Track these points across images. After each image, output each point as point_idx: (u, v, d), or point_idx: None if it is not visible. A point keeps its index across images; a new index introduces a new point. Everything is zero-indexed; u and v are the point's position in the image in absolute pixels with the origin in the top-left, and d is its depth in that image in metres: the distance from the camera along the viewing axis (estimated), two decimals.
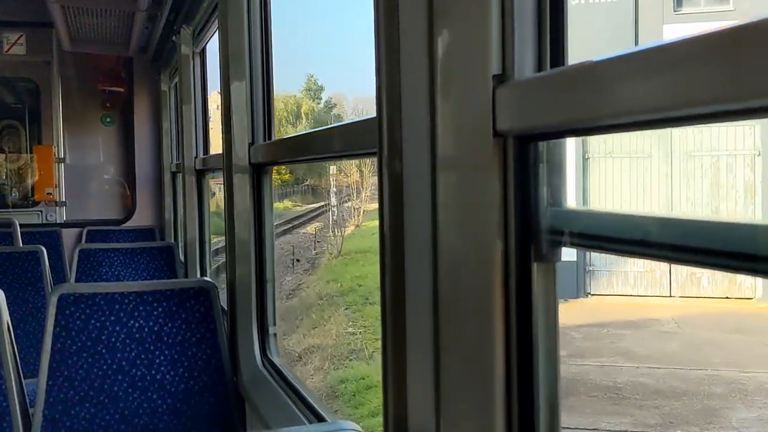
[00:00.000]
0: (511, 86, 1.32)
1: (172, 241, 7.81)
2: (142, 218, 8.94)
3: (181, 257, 6.79)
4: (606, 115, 1.14)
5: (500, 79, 1.34)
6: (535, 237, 1.35)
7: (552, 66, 1.32)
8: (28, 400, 3.38)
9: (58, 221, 8.86)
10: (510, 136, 1.34)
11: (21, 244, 6.95)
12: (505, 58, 1.34)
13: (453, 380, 1.52)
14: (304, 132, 3.77)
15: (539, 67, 1.33)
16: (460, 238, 1.48)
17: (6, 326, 3.28)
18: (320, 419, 2.82)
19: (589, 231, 1.28)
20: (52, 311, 3.35)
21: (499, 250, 1.37)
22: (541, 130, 1.30)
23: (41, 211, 9.01)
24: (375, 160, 1.83)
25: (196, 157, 6.52)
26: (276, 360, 3.64)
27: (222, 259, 4.17)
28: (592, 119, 1.18)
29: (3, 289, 3.38)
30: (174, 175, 8.38)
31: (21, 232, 7.36)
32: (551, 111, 1.24)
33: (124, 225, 8.83)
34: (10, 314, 3.40)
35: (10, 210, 8.82)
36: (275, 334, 3.76)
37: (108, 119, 9.26)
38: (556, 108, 1.23)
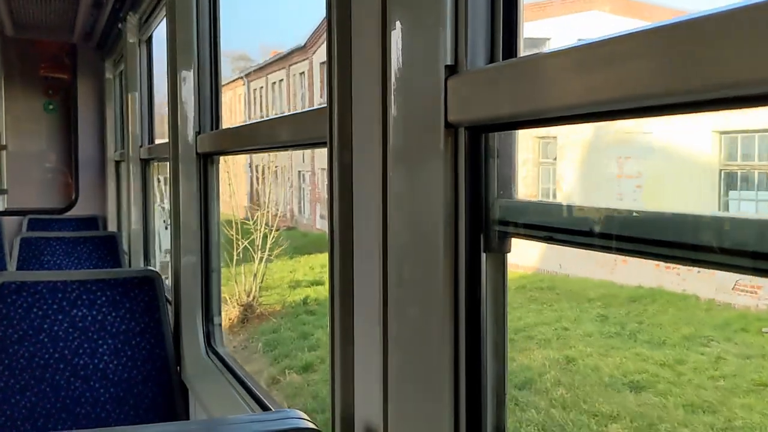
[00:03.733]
0: (463, 77, 1.32)
1: (116, 230, 7.71)
2: (84, 207, 8.80)
3: (125, 247, 6.70)
4: (556, 108, 1.15)
5: (452, 69, 1.34)
6: (486, 228, 1.35)
7: (505, 57, 1.32)
8: None
9: None
10: (461, 127, 1.33)
11: None
12: (457, 49, 1.33)
13: (400, 372, 1.52)
14: (252, 121, 3.74)
15: (492, 58, 1.33)
16: (410, 229, 1.48)
17: None
18: (265, 409, 2.80)
19: (539, 222, 1.28)
20: None
21: (449, 241, 1.37)
22: (493, 121, 1.30)
23: None
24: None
25: (141, 146, 6.44)
26: (221, 350, 3.61)
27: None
28: (542, 111, 1.18)
29: None
30: (118, 164, 8.27)
31: None
32: (502, 102, 1.24)
33: (66, 214, 8.69)
34: None
35: None
36: (220, 324, 3.73)
37: (51, 106, 9.11)
38: (508, 99, 1.23)
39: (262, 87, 37.89)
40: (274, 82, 36.14)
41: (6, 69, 8.78)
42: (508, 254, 1.36)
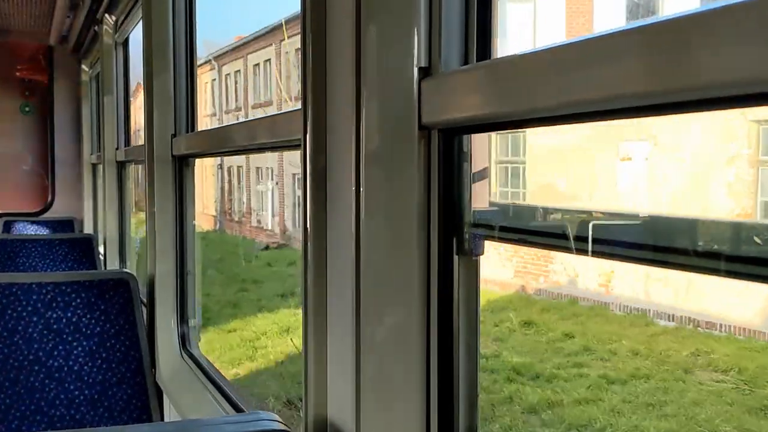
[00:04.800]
0: (437, 79, 1.32)
1: (92, 232, 7.66)
2: (60, 209, 8.74)
3: (100, 250, 6.66)
4: (529, 110, 1.15)
5: (426, 71, 1.34)
6: (458, 231, 1.35)
7: (479, 59, 1.32)
8: None
9: None
10: (435, 130, 1.34)
11: None
12: (431, 51, 1.34)
13: (373, 374, 1.51)
14: (228, 124, 3.73)
15: (466, 59, 1.33)
16: (383, 232, 1.48)
17: None
18: (239, 411, 2.79)
19: (513, 225, 1.29)
20: None
21: (422, 244, 1.37)
22: (466, 123, 1.30)
23: None
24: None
25: (117, 149, 6.40)
26: (196, 352, 3.60)
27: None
28: (517, 113, 1.18)
29: None
30: (94, 166, 8.22)
31: None
32: (476, 105, 1.24)
33: (42, 216, 8.63)
34: None
35: None
36: (195, 327, 3.72)
37: (27, 108, 9.04)
38: (481, 102, 1.23)
39: (238, 71, 32.45)
40: (257, 64, 30.42)
41: None
42: (481, 257, 1.36)
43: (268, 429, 1.47)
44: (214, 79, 34.39)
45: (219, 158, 27.70)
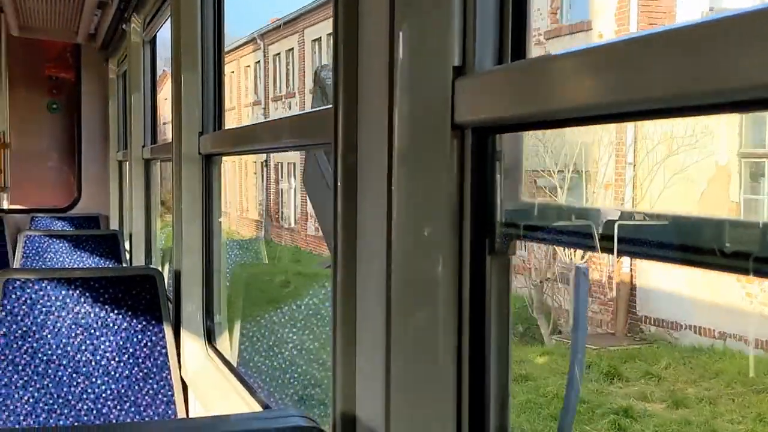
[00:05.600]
0: (471, 78, 1.32)
1: (118, 229, 7.72)
2: (87, 206, 8.81)
3: (126, 246, 6.71)
4: (562, 110, 1.15)
5: (460, 71, 1.34)
6: (490, 230, 1.35)
7: (513, 59, 1.32)
8: None
9: (2, 207, 8.71)
10: (468, 129, 1.34)
11: None
12: (465, 50, 1.34)
13: (403, 374, 1.51)
14: (256, 122, 3.74)
15: (500, 59, 1.34)
16: (415, 232, 1.48)
17: None
18: (264, 408, 2.81)
19: (546, 225, 1.29)
20: None
21: (453, 243, 1.37)
22: (499, 123, 1.30)
23: None
24: None
25: (143, 147, 6.44)
26: (221, 348, 3.62)
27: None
28: (548, 113, 1.18)
29: None
30: (120, 163, 8.28)
31: None
32: (510, 104, 1.24)
33: (69, 212, 8.70)
34: None
35: None
36: (221, 323, 3.74)
37: (54, 105, 9.12)
38: (515, 101, 1.23)
39: (290, 50, 26.98)
40: (316, 39, 25.51)
41: (11, 69, 8.79)
42: (513, 256, 1.36)
43: (297, 425, 1.48)
44: (258, 62, 29.73)
45: (264, 154, 24.96)
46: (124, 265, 6.09)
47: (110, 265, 5.94)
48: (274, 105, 28.23)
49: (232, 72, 30.72)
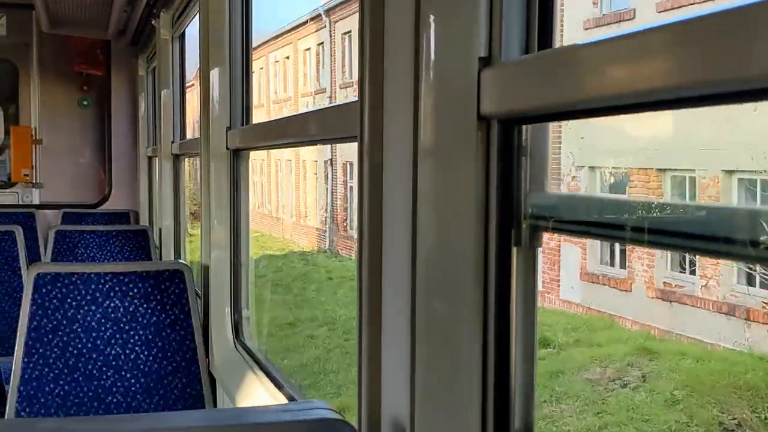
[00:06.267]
0: (497, 69, 1.31)
1: (147, 225, 7.77)
2: (117, 202, 8.88)
3: (156, 241, 6.76)
4: (591, 100, 1.13)
5: (486, 61, 1.33)
6: (516, 222, 1.34)
7: (540, 48, 1.31)
8: (3, 377, 3.39)
9: (33, 202, 8.79)
10: (494, 120, 1.32)
11: None
12: (491, 41, 1.32)
13: (428, 368, 1.51)
14: (282, 117, 3.75)
15: (527, 49, 1.32)
16: (440, 223, 1.47)
17: None
18: (291, 401, 2.81)
19: (573, 216, 1.27)
20: (28, 290, 3.34)
21: (479, 236, 1.36)
22: (526, 113, 1.29)
23: (17, 192, 8.94)
24: None
25: (173, 142, 6.48)
26: (249, 342, 3.64)
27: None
28: (576, 103, 1.17)
29: None
30: (150, 159, 8.33)
31: None
32: (537, 94, 1.23)
33: (99, 208, 8.77)
34: None
35: None
36: (248, 318, 3.76)
37: (85, 102, 9.19)
38: (542, 91, 1.22)
39: None
40: None
41: (41, 65, 8.86)
42: (539, 249, 1.35)
43: (322, 417, 1.48)
44: (321, 43, 25.63)
45: (330, 152, 22.66)
46: (153, 260, 6.14)
47: (140, 260, 5.98)
48: (344, 93, 23.99)
49: (287, 57, 27.62)
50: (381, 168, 1.69)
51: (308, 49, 26.22)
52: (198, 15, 4.37)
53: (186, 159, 6.68)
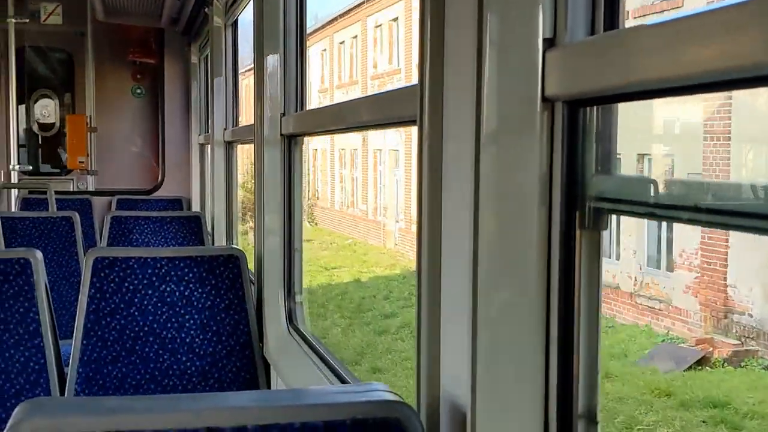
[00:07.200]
0: (562, 50, 1.30)
1: (199, 211, 7.84)
2: (169, 189, 8.97)
3: (208, 228, 6.82)
4: (660, 80, 1.12)
5: (551, 42, 1.32)
6: (581, 205, 1.33)
7: (606, 29, 1.29)
8: (63, 359, 3.46)
9: (88, 189, 8.93)
10: (559, 102, 1.31)
11: (55, 210, 7.00)
12: (556, 21, 1.31)
13: (490, 352, 1.50)
14: (337, 102, 3.75)
15: (592, 30, 1.31)
16: (502, 206, 1.46)
17: (44, 287, 3.33)
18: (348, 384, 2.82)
19: (641, 198, 1.26)
20: (87, 274, 3.39)
21: (542, 218, 1.35)
22: (592, 95, 1.28)
23: (73, 179, 9.09)
24: None
25: (225, 129, 6.53)
26: (302, 327, 3.66)
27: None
28: (645, 84, 1.15)
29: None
30: (202, 146, 8.40)
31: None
32: (603, 76, 1.21)
33: (152, 195, 8.88)
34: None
35: (43, 177, 8.93)
36: (302, 302, 3.78)
37: (138, 90, 9.29)
38: (608, 73, 1.20)
39: None
40: None
41: (96, 54, 8.97)
42: (604, 231, 1.34)
43: (382, 399, 1.48)
44: (396, 18, 24.12)
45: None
46: (206, 245, 6.20)
47: (193, 246, 6.05)
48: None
49: (354, 37, 26.13)
50: (440, 150, 1.69)
51: (379, 25, 24.97)
52: (252, 1, 4.38)
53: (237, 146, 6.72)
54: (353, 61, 26.15)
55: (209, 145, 7.24)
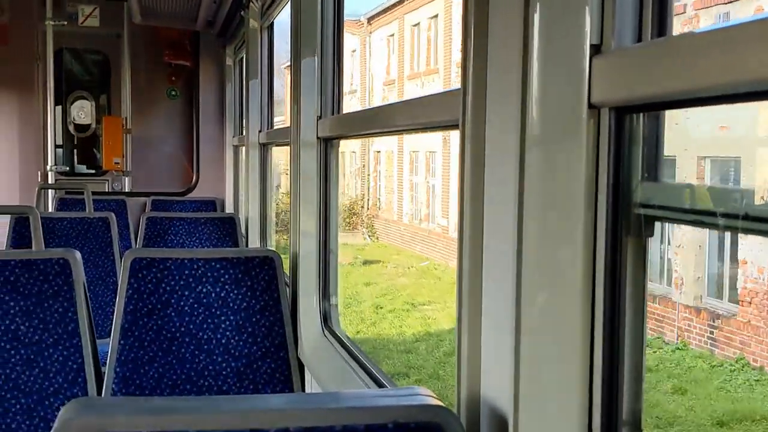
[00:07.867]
0: (609, 57, 1.29)
1: (233, 212, 7.89)
2: (204, 190, 9.04)
3: (242, 229, 6.86)
4: (709, 88, 1.11)
5: (597, 49, 1.31)
6: (627, 212, 1.32)
7: (654, 36, 1.29)
8: (100, 359, 3.49)
9: (123, 190, 9.02)
10: (605, 108, 1.31)
11: (93, 211, 7.08)
12: (603, 27, 1.31)
13: (532, 356, 1.50)
14: (374, 106, 3.76)
15: (640, 36, 1.30)
16: (547, 212, 1.46)
17: (83, 287, 3.36)
18: (381, 387, 2.83)
19: (688, 206, 1.25)
20: (125, 275, 3.42)
21: (588, 225, 1.35)
22: (639, 102, 1.27)
23: (108, 180, 9.18)
24: None
25: (260, 131, 6.56)
26: (337, 329, 3.67)
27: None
28: (691, 92, 1.15)
29: None
30: (236, 148, 8.45)
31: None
32: (651, 82, 1.21)
33: (187, 196, 8.95)
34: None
35: (80, 178, 9.02)
36: (336, 305, 3.79)
37: (173, 92, 9.37)
38: (656, 80, 1.19)
39: None
40: None
41: (132, 56, 9.06)
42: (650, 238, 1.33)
43: (423, 404, 1.48)
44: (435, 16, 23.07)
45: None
46: (240, 247, 6.23)
47: (227, 247, 6.08)
48: None
49: (434, 16, 23.46)
50: (483, 155, 1.68)
51: (435, 16, 23.41)
52: (289, 4, 4.40)
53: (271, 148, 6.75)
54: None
55: (243, 147, 7.28)
